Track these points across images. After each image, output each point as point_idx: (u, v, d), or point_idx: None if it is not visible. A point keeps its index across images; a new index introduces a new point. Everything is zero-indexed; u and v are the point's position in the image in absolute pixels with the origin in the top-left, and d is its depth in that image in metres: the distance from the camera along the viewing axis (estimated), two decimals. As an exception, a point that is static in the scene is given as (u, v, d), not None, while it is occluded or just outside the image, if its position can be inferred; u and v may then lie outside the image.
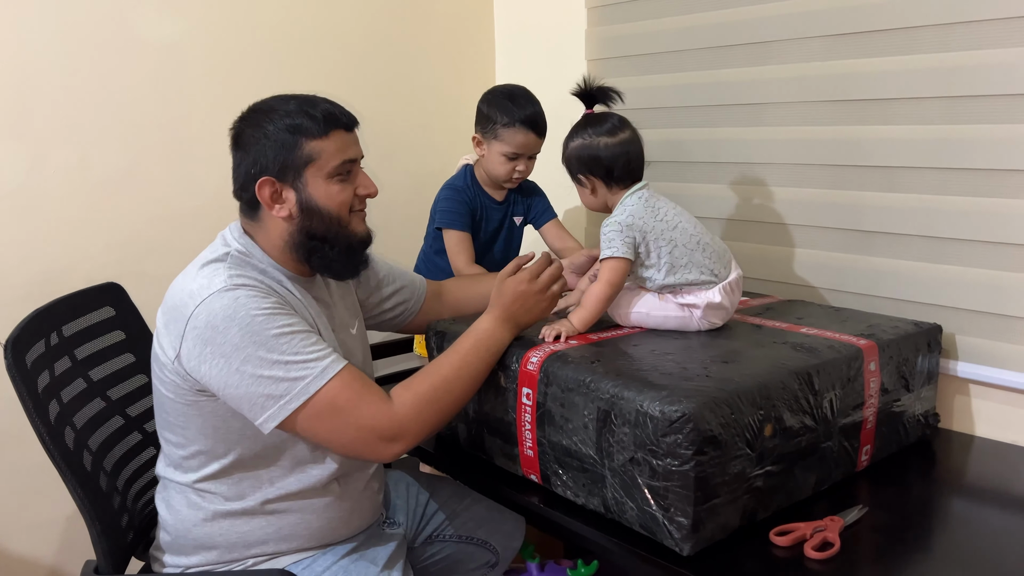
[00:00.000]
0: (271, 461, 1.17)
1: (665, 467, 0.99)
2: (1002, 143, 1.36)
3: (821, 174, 1.61)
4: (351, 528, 1.27)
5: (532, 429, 1.18)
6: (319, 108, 1.16)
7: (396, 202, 2.10)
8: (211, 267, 1.13)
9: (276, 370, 1.06)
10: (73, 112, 1.65)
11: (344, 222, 1.19)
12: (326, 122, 1.15)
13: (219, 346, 1.06)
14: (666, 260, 1.27)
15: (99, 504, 1.18)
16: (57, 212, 1.65)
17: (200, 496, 1.18)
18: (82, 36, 1.64)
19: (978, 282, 1.41)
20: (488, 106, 1.68)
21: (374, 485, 1.31)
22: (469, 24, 2.29)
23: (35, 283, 1.61)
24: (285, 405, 1.07)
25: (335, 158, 1.16)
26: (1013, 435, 1.41)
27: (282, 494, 1.18)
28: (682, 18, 1.81)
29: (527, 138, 1.64)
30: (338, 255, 1.19)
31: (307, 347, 1.09)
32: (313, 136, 1.14)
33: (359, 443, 1.11)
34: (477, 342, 1.19)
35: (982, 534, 1.08)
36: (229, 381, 1.06)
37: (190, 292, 1.09)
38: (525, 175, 1.71)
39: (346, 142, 1.18)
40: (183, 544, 1.20)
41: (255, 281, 1.12)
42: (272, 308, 1.09)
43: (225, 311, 1.06)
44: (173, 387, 1.13)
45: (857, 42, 1.52)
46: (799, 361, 1.14)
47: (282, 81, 1.92)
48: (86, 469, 1.20)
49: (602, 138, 1.33)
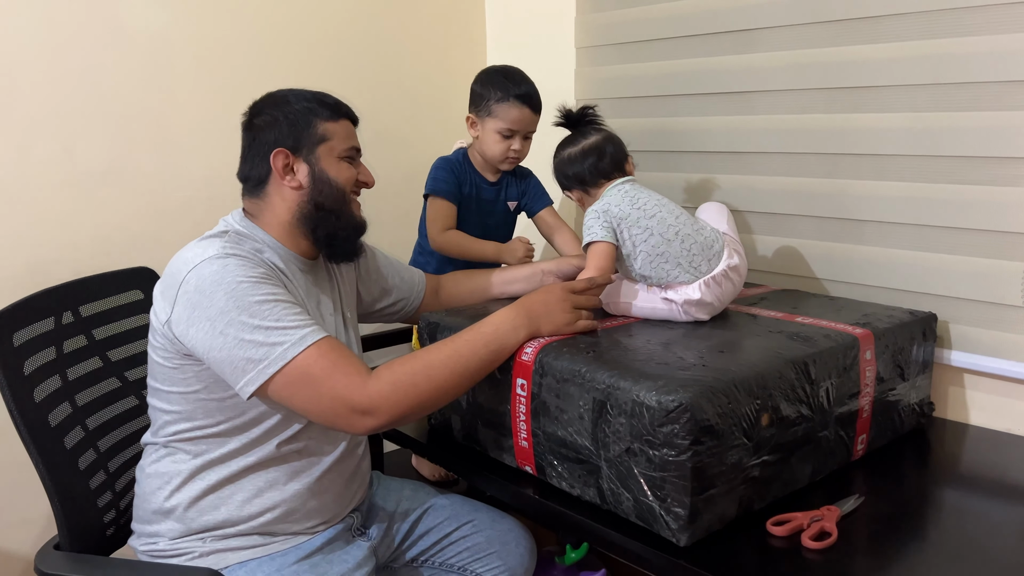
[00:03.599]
0: (244, 430, 1.19)
1: (662, 457, 0.98)
2: (992, 130, 1.35)
3: (812, 162, 1.60)
4: (307, 514, 1.23)
5: (527, 420, 1.17)
6: (331, 98, 1.27)
7: (387, 195, 2.08)
8: (208, 240, 1.18)
9: (257, 334, 1.08)
10: (58, 103, 1.62)
11: (348, 199, 1.26)
12: (338, 109, 1.26)
13: (205, 309, 1.09)
14: (642, 248, 1.28)
15: (63, 479, 1.21)
16: (43, 204, 1.62)
17: (170, 454, 1.21)
18: (67, 25, 1.62)
19: (971, 270, 1.41)
20: (482, 85, 1.65)
21: (343, 470, 1.28)
22: (459, 14, 2.26)
23: (21, 275, 1.59)
24: (264, 370, 1.08)
25: (345, 142, 1.25)
26: (1007, 423, 1.41)
27: (250, 461, 1.19)
28: (671, 5, 1.79)
29: (522, 113, 1.61)
30: (342, 228, 1.25)
31: (288, 315, 1.11)
32: (326, 119, 1.24)
33: (332, 413, 1.11)
34: (476, 336, 1.16)
35: (978, 522, 1.08)
36: (213, 344, 1.09)
37: (184, 260, 1.14)
38: (521, 155, 1.67)
39: (352, 132, 1.28)
40: (144, 509, 1.22)
41: (249, 253, 1.16)
42: (259, 277, 1.12)
43: (213, 276, 1.10)
44: (163, 351, 1.17)
45: (845, 29, 1.51)
46: (795, 350, 1.14)
47: (270, 72, 1.89)
48: (63, 446, 1.24)
49: (567, 150, 1.44)
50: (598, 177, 1.40)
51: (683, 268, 1.27)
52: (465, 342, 1.16)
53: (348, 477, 1.30)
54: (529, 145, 1.68)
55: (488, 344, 1.16)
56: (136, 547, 1.24)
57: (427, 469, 1.81)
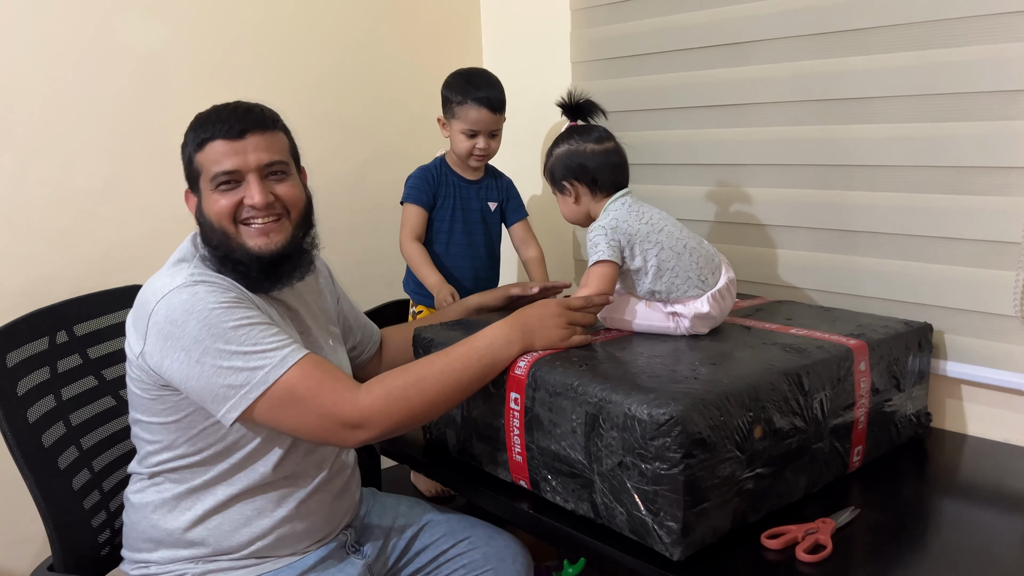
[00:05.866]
0: (225, 456, 1.17)
1: (654, 471, 0.98)
2: (984, 140, 1.35)
3: (805, 174, 1.61)
4: (298, 537, 1.23)
5: (520, 434, 1.17)
6: (203, 117, 1.17)
7: (384, 208, 2.09)
8: (176, 267, 1.16)
9: (235, 360, 1.07)
10: (55, 120, 1.63)
11: (228, 232, 1.16)
12: (203, 131, 1.16)
13: (178, 340, 1.07)
14: (653, 263, 1.26)
15: (57, 500, 1.22)
16: (41, 221, 1.63)
17: (154, 484, 1.20)
18: (64, 43, 1.63)
19: (965, 281, 1.41)
20: (447, 88, 1.74)
21: (331, 489, 1.27)
22: (456, 31, 2.28)
23: (19, 293, 1.59)
24: (246, 395, 1.07)
25: (212, 168, 1.15)
26: (1005, 433, 1.40)
27: (235, 489, 1.18)
28: (665, 19, 1.80)
29: (480, 114, 1.69)
30: (239, 262, 1.16)
31: (266, 338, 1.09)
32: (195, 150, 1.17)
33: (323, 430, 1.10)
34: (470, 349, 1.16)
35: (976, 533, 1.07)
36: (190, 374, 1.07)
37: (152, 290, 1.12)
38: (487, 152, 1.75)
39: (221, 153, 1.15)
40: (134, 537, 1.22)
41: (217, 278, 1.14)
42: (231, 302, 1.10)
43: (183, 305, 1.08)
44: (139, 383, 1.15)
45: (837, 41, 1.52)
46: (788, 362, 1.13)
47: (265, 88, 1.91)
48: (57, 467, 1.24)
49: (589, 144, 1.34)
50: (611, 187, 1.33)
51: (692, 282, 1.25)
52: (458, 356, 1.15)
53: (336, 495, 1.29)
54: (497, 143, 1.76)
55: (482, 358, 1.15)
56: (128, 572, 1.23)
57: (423, 485, 1.81)
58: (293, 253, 1.20)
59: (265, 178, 1.17)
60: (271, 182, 1.18)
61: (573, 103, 1.39)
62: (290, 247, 1.19)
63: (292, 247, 1.19)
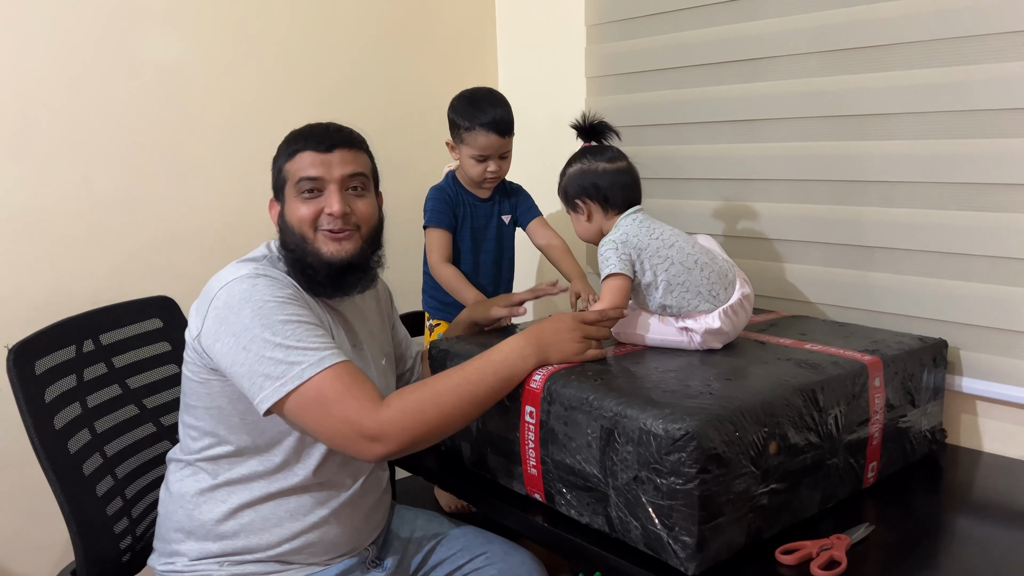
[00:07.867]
0: (263, 451, 1.21)
1: (669, 485, 0.98)
2: (999, 157, 1.36)
3: (821, 190, 1.61)
4: (324, 547, 1.25)
5: (535, 448, 1.18)
6: (298, 132, 1.27)
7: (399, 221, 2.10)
8: (244, 262, 1.23)
9: (277, 352, 1.11)
10: (75, 132, 1.66)
11: (306, 237, 1.24)
12: (295, 143, 1.26)
13: (231, 325, 1.13)
14: (663, 278, 1.27)
15: (81, 505, 1.24)
16: (60, 232, 1.66)
17: (193, 473, 1.23)
18: (84, 57, 1.66)
19: (982, 297, 1.41)
20: (453, 112, 1.71)
21: (363, 505, 1.29)
22: (471, 43, 2.30)
23: (39, 304, 1.62)
24: (280, 387, 1.10)
25: (297, 175, 1.24)
26: (1020, 450, 1.40)
27: (272, 488, 1.21)
28: (679, 35, 1.82)
29: (489, 139, 1.67)
30: (308, 266, 1.24)
31: (310, 336, 1.13)
32: (286, 160, 1.26)
33: (342, 437, 1.12)
34: (485, 364, 1.17)
35: (991, 551, 1.07)
36: (236, 359, 1.12)
37: (219, 278, 1.19)
38: (499, 174, 1.73)
39: (308, 162, 1.24)
40: (166, 527, 1.25)
41: (280, 275, 1.20)
42: (286, 298, 1.16)
43: (242, 294, 1.14)
44: (192, 365, 1.21)
45: (853, 58, 1.53)
46: (803, 377, 1.14)
47: (283, 102, 1.93)
48: (82, 472, 1.26)
49: (601, 163, 1.37)
50: (623, 206, 1.35)
51: (703, 297, 1.26)
52: (474, 370, 1.16)
53: (368, 511, 1.31)
54: (508, 163, 1.74)
55: (497, 372, 1.16)
56: (155, 566, 1.26)
57: (445, 500, 1.81)
58: (360, 264, 1.27)
59: (345, 191, 1.24)
60: (350, 195, 1.25)
61: (587, 124, 1.42)
62: (358, 258, 1.26)
63: (360, 258, 1.26)
